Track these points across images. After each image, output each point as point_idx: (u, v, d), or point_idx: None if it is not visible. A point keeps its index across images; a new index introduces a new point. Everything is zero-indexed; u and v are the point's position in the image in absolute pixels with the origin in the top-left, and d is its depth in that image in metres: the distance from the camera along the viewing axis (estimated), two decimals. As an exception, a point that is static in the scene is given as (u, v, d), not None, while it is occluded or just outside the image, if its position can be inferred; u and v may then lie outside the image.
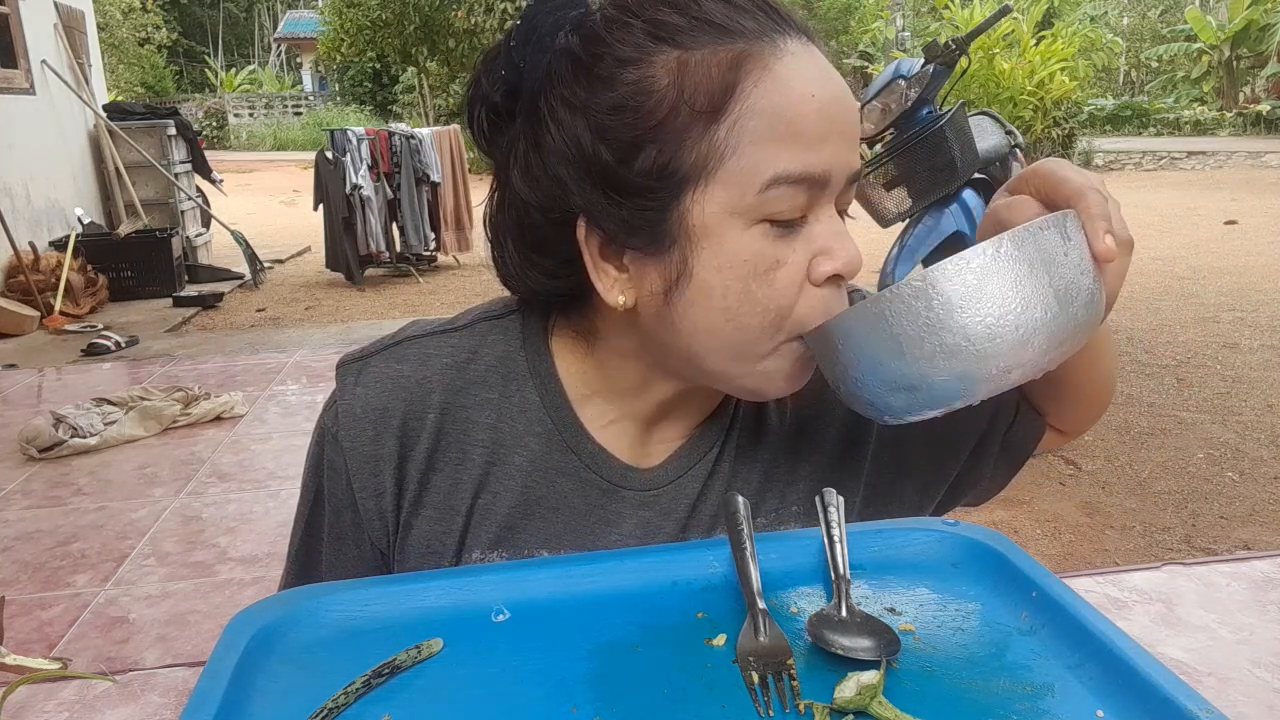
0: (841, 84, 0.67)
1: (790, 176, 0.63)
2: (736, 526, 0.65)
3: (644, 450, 0.78)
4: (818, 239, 0.66)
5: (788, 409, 0.81)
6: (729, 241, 0.65)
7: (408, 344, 0.78)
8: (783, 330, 0.66)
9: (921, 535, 0.67)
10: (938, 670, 0.54)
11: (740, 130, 0.63)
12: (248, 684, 0.53)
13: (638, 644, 0.57)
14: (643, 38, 0.65)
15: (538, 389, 0.76)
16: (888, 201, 4.08)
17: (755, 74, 0.64)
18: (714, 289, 0.65)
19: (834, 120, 0.65)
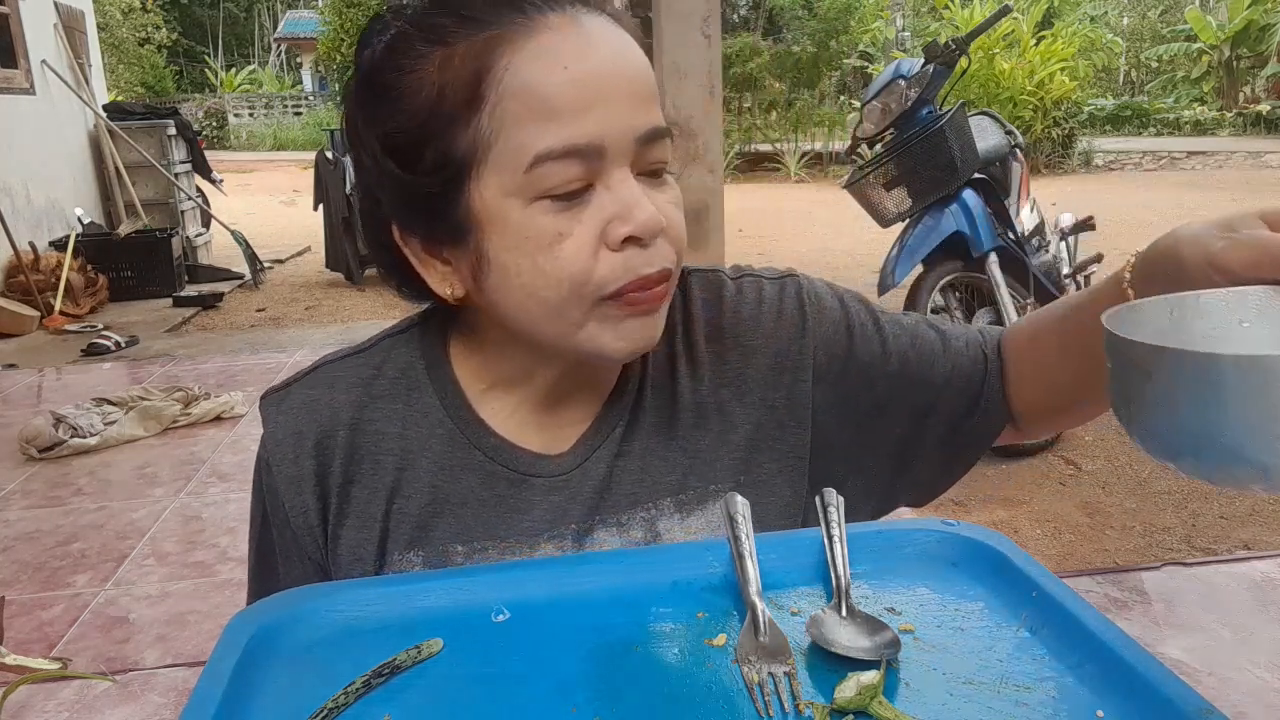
0: (613, 47, 0.67)
1: (553, 153, 0.65)
2: (735, 526, 0.65)
3: (552, 436, 0.80)
4: (608, 206, 0.67)
5: (704, 384, 0.82)
6: (512, 222, 0.67)
7: (319, 370, 0.82)
8: (586, 296, 0.67)
9: (921, 535, 0.67)
10: (938, 670, 0.54)
11: (500, 114, 0.66)
12: (248, 684, 0.53)
13: (637, 644, 0.57)
14: (418, 44, 0.68)
15: (437, 393, 0.80)
16: (888, 201, 4.08)
17: (506, 57, 0.65)
18: (509, 269, 0.69)
19: (597, 88, 0.66)
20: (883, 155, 4.03)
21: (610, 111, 0.66)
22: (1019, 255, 3.96)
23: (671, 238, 0.70)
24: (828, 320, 0.83)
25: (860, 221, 4.81)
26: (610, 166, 0.67)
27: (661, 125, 0.69)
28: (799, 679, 0.53)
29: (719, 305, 0.84)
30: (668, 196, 0.71)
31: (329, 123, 17.27)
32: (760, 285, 0.85)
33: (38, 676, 0.59)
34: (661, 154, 0.70)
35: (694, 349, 0.83)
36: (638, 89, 0.68)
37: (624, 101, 0.67)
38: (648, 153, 0.68)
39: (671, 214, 0.70)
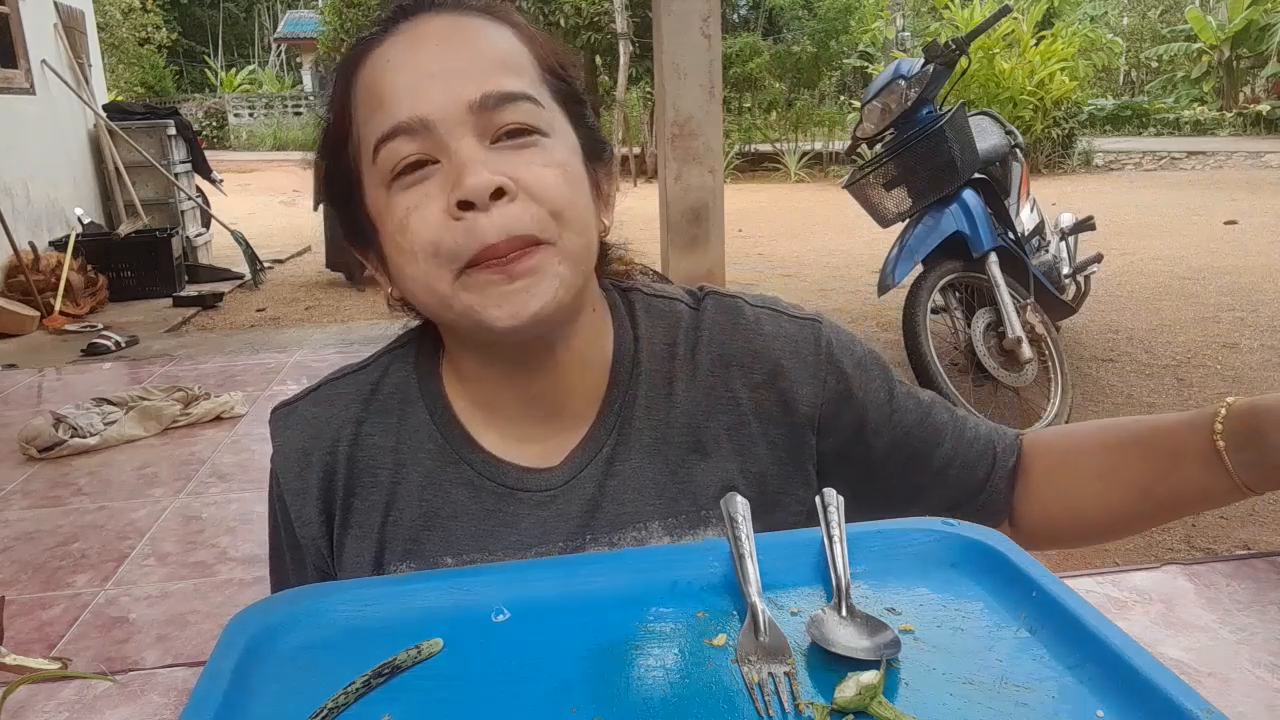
0: (445, 34, 0.71)
1: (384, 135, 0.70)
2: (735, 527, 0.65)
3: (541, 449, 0.80)
4: (449, 176, 0.69)
5: (701, 409, 0.81)
6: (383, 211, 0.72)
7: (324, 388, 0.85)
8: (442, 265, 0.69)
9: (921, 535, 0.67)
10: (937, 670, 0.54)
11: (357, 121, 0.73)
12: (247, 684, 0.53)
13: (637, 644, 0.57)
14: (332, 77, 0.77)
15: (428, 408, 0.82)
16: (888, 201, 4.08)
17: (358, 73, 0.74)
18: (391, 256, 0.74)
19: (418, 69, 0.70)
20: (883, 155, 4.03)
21: (433, 87, 0.69)
22: (1019, 255, 3.96)
23: (537, 196, 0.69)
24: (841, 375, 0.82)
25: (860, 221, 4.81)
26: (447, 139, 0.69)
27: (505, 90, 0.70)
28: (799, 679, 0.53)
29: (732, 331, 0.83)
30: (531, 157, 0.70)
31: (329, 123, 17.19)
32: (780, 321, 0.84)
33: (38, 676, 0.59)
34: (514, 116, 0.70)
35: (697, 371, 0.82)
36: (471, 60, 0.70)
37: (449, 76, 0.69)
38: (493, 118, 0.69)
39: (533, 174, 0.69)
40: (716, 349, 0.82)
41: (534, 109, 0.71)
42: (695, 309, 0.85)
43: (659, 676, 0.54)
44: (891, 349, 4.97)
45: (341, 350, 5.13)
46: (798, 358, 0.82)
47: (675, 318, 0.84)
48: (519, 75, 0.72)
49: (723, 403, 0.81)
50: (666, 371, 0.82)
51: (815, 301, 6.19)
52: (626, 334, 0.82)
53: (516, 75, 0.71)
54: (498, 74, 0.70)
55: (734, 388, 0.81)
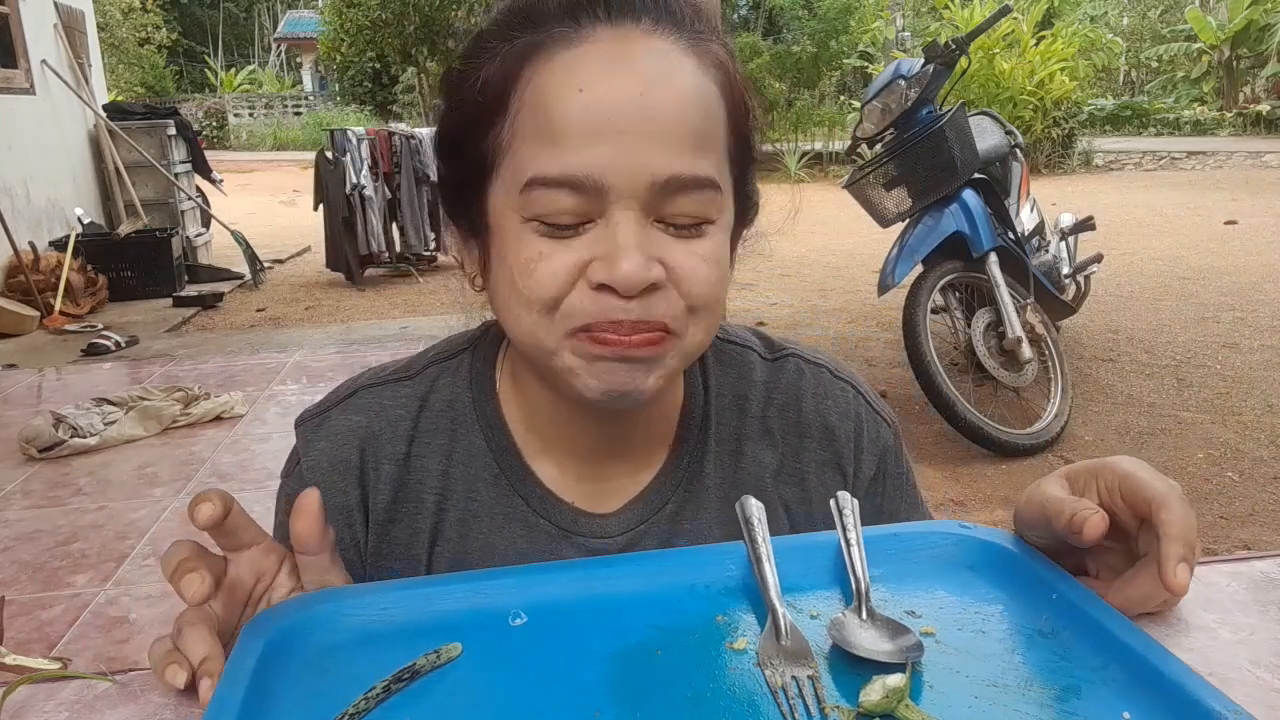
0: (651, 75, 0.61)
1: (548, 179, 0.61)
2: (751, 529, 0.64)
3: (595, 491, 0.76)
4: (600, 242, 0.62)
5: (771, 474, 0.78)
6: (508, 235, 0.65)
7: (361, 394, 0.78)
8: (555, 323, 0.63)
9: (937, 538, 0.67)
10: (961, 673, 0.54)
11: (516, 125, 0.64)
12: (266, 688, 0.53)
13: (658, 648, 0.57)
14: (488, 40, 0.66)
15: (483, 432, 0.76)
16: (888, 201, 4.08)
17: (536, 65, 0.63)
18: (499, 279, 0.67)
19: (610, 117, 0.60)
20: (883, 155, 4.03)
21: (622, 147, 0.60)
22: (1019, 255, 3.96)
23: (685, 290, 0.63)
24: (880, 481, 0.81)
25: (860, 221, 4.81)
26: (614, 205, 0.61)
27: (694, 174, 0.62)
28: (822, 683, 0.53)
29: (813, 403, 0.80)
30: (692, 249, 0.64)
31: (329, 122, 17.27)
32: (862, 405, 0.81)
33: (37, 676, 0.59)
34: (692, 208, 0.63)
35: (771, 435, 0.79)
36: (668, 125, 0.61)
37: (643, 139, 0.60)
38: (669, 203, 0.62)
39: (689, 264, 0.63)
40: (793, 416, 0.79)
41: (713, 197, 0.64)
42: (770, 362, 0.81)
43: (682, 681, 0.54)
44: (891, 349, 4.97)
45: (341, 350, 5.13)
46: (864, 451, 0.80)
47: (747, 369, 0.80)
48: (711, 151, 0.64)
49: (790, 472, 0.78)
50: (736, 427, 0.78)
51: (815, 301, 6.19)
52: (697, 383, 0.78)
53: (709, 151, 0.64)
54: (692, 149, 0.62)
55: (803, 460, 0.79)
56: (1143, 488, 0.59)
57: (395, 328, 5.65)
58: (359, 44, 16.44)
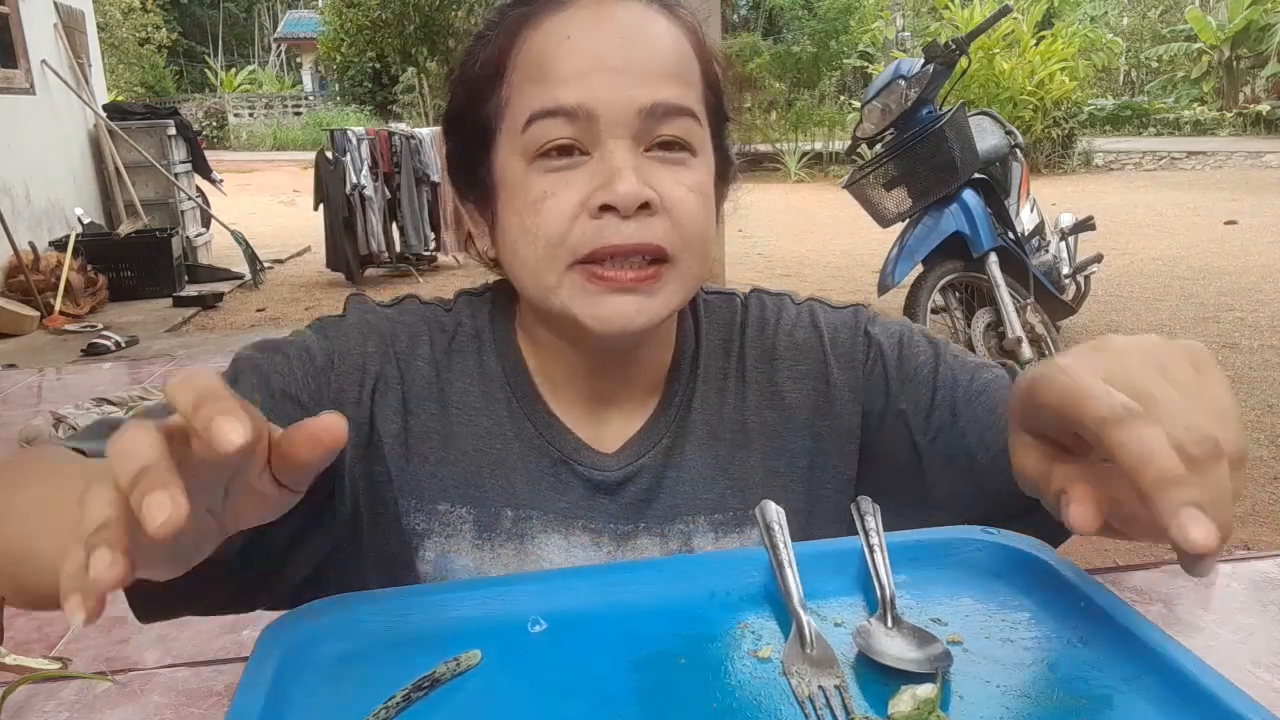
0: (630, 22, 0.70)
1: (543, 111, 0.68)
2: (773, 535, 0.63)
3: (597, 432, 0.80)
4: (596, 174, 0.68)
5: (749, 405, 0.81)
6: (513, 182, 0.71)
7: (409, 301, 0.85)
8: (559, 259, 0.69)
9: (961, 544, 0.66)
10: (991, 682, 0.53)
11: (512, 83, 0.71)
12: (285, 695, 0.52)
13: (681, 655, 0.56)
14: (489, 29, 0.75)
15: (499, 360, 0.81)
16: (888, 201, 4.08)
17: (526, 32, 0.71)
18: (507, 227, 0.73)
19: (596, 54, 0.68)
20: (883, 155, 4.04)
21: (608, 80, 0.68)
22: (1019, 255, 3.96)
23: (675, 218, 0.69)
24: (880, 352, 0.82)
25: (860, 221, 4.81)
26: (605, 135, 0.68)
27: (676, 103, 0.69)
28: (849, 692, 0.52)
29: (775, 327, 0.84)
30: (679, 177, 0.70)
31: (329, 122, 17.27)
32: (821, 311, 0.85)
33: (37, 676, 0.59)
34: (675, 130, 0.70)
35: (744, 368, 0.83)
36: (649, 63, 0.69)
37: (626, 72, 0.68)
38: (655, 127, 0.69)
39: (677, 194, 0.69)
40: (762, 344, 0.83)
41: (694, 126, 0.71)
42: (742, 307, 0.86)
43: (707, 690, 0.53)
44: (891, 349, 4.96)
45: (341, 350, 5.12)
46: (837, 344, 0.82)
47: (730, 315, 0.85)
48: (689, 87, 0.71)
49: (767, 397, 0.82)
50: (721, 368, 0.83)
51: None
52: (689, 332, 0.83)
53: (687, 87, 0.71)
54: (671, 83, 0.70)
55: (778, 381, 0.82)
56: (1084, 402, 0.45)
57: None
58: (359, 44, 16.44)
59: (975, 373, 0.80)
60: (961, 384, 0.79)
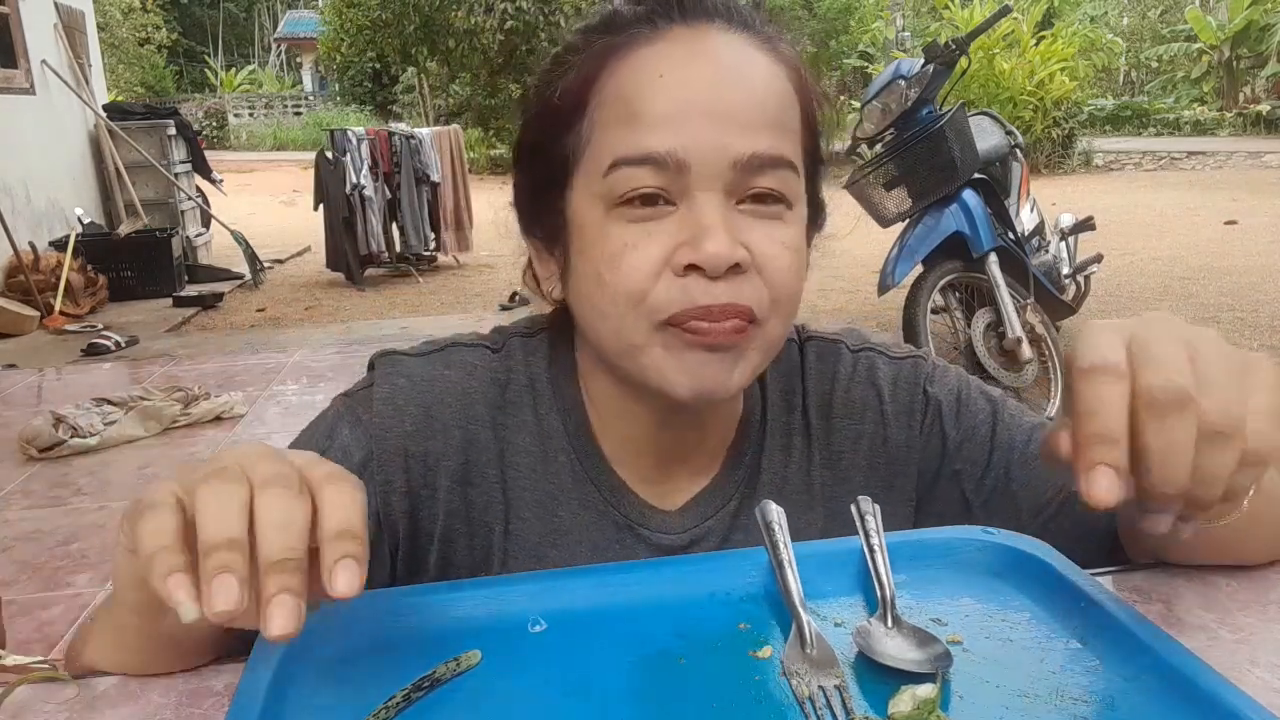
0: (729, 63, 0.65)
1: (629, 158, 0.63)
2: (773, 536, 0.63)
3: (662, 489, 0.76)
4: (683, 228, 0.63)
5: (812, 463, 0.78)
6: (590, 229, 0.66)
7: (452, 350, 0.77)
8: (642, 316, 0.64)
9: (961, 544, 0.66)
10: (990, 683, 0.53)
11: (594, 120, 0.66)
12: (284, 697, 0.52)
13: (681, 656, 0.56)
14: (570, 53, 0.69)
15: (560, 415, 0.75)
16: (888, 201, 4.08)
17: (613, 64, 0.66)
18: (583, 276, 0.67)
19: (690, 98, 0.63)
20: (883, 155, 4.03)
21: (702, 126, 0.62)
22: (1019, 255, 3.96)
23: (767, 277, 0.64)
24: (937, 410, 0.78)
25: (860, 221, 4.81)
26: (695, 187, 0.63)
27: (773, 153, 0.64)
28: (850, 692, 0.52)
29: (833, 381, 0.80)
30: (773, 233, 0.65)
31: (329, 122, 17.26)
32: (880, 364, 0.80)
33: (37, 677, 0.59)
34: (771, 183, 0.64)
35: (809, 424, 0.79)
36: (748, 109, 0.63)
37: (723, 119, 0.63)
38: (751, 179, 0.64)
39: (771, 252, 0.64)
40: (818, 400, 0.79)
41: (791, 177, 0.66)
42: (799, 356, 0.81)
43: (708, 690, 0.53)
44: (891, 349, 4.96)
45: (341, 350, 5.12)
46: (895, 403, 0.79)
47: (790, 364, 0.80)
48: (788, 135, 0.66)
49: (825, 456, 0.78)
50: (785, 424, 0.79)
51: (815, 301, 6.19)
52: (755, 386, 0.79)
53: (785, 134, 0.66)
54: (770, 131, 0.64)
55: (834, 441, 0.78)
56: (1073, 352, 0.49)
57: (395, 328, 5.65)
58: (359, 44, 16.43)
59: (1032, 434, 0.78)
60: (1018, 446, 0.77)
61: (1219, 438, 0.46)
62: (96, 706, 0.57)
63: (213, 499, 0.44)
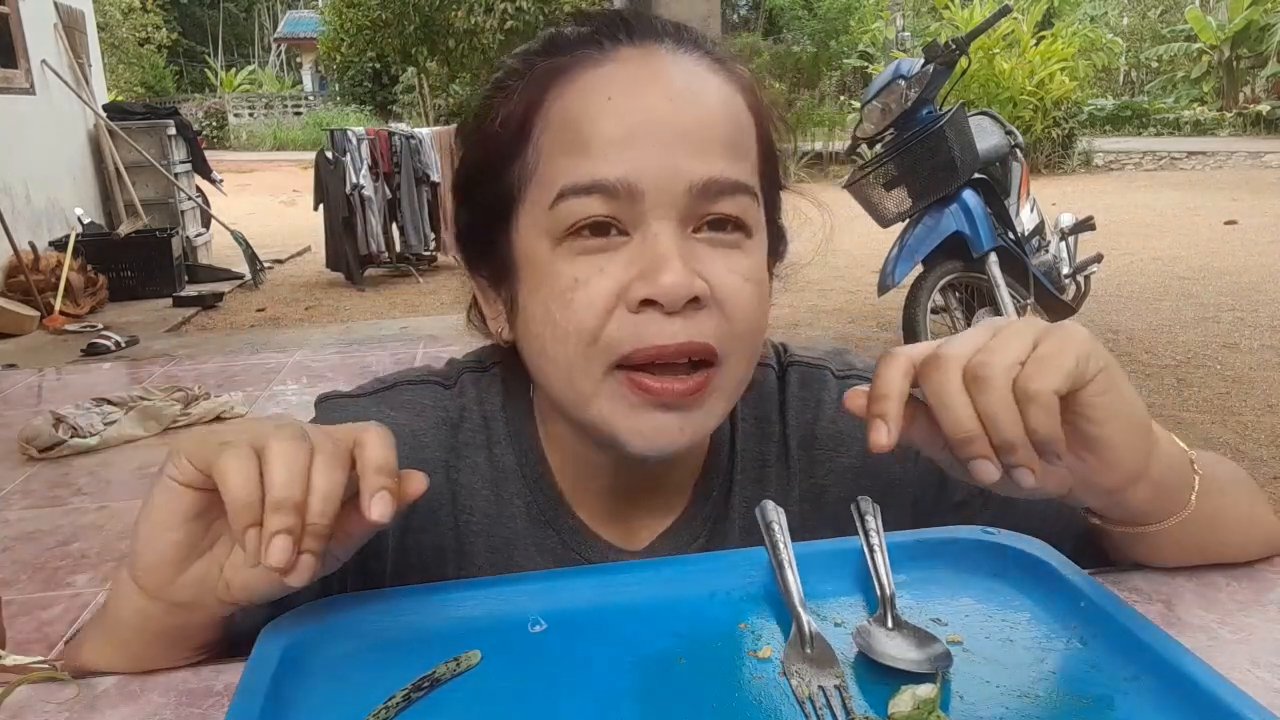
0: (681, 83, 0.61)
1: (577, 187, 0.59)
2: (773, 536, 0.63)
3: (626, 529, 0.73)
4: (636, 260, 0.59)
5: (791, 495, 0.74)
6: (538, 265, 0.62)
7: (401, 390, 0.73)
8: (594, 359, 0.60)
9: (961, 544, 0.66)
10: (991, 683, 0.53)
11: (539, 148, 0.61)
12: (284, 697, 0.52)
13: (681, 656, 0.56)
14: (510, 79, 0.65)
15: (516, 454, 0.72)
16: (888, 201, 4.08)
17: (557, 88, 0.61)
18: (530, 318, 0.63)
19: (642, 122, 0.59)
20: (883, 155, 4.04)
21: (655, 151, 0.59)
22: (1019, 255, 3.96)
23: (727, 311, 0.60)
24: None
25: (861, 221, 4.81)
26: (649, 215, 0.59)
27: (731, 179, 0.60)
28: (849, 692, 0.52)
29: (816, 409, 0.75)
30: (732, 264, 0.61)
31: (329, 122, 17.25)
32: (840, 386, 0.76)
33: (37, 677, 0.59)
34: (729, 209, 0.61)
35: (788, 454, 0.75)
36: (702, 131, 0.60)
37: (677, 143, 0.59)
38: (707, 205, 0.60)
39: (731, 284, 0.60)
40: (801, 430, 0.75)
41: (750, 204, 0.62)
42: (780, 377, 0.77)
43: (706, 690, 0.53)
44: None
45: (341, 350, 5.12)
46: None
47: (766, 389, 0.76)
48: (744, 159, 0.63)
49: (806, 489, 0.75)
50: (758, 453, 0.75)
51: (815, 301, 6.19)
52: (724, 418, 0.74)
53: (742, 159, 0.62)
54: (726, 155, 0.60)
55: (817, 473, 0.75)
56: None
57: (395, 328, 5.64)
58: (359, 44, 16.43)
59: None
60: None
61: (979, 381, 0.51)
62: (96, 706, 0.57)
63: (283, 461, 0.50)
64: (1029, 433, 0.50)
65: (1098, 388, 0.52)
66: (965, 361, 0.52)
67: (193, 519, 0.54)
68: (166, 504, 0.54)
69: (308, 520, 0.50)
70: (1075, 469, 0.55)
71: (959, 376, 0.51)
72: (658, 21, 0.65)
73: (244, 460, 0.50)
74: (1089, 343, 0.52)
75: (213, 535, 0.56)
